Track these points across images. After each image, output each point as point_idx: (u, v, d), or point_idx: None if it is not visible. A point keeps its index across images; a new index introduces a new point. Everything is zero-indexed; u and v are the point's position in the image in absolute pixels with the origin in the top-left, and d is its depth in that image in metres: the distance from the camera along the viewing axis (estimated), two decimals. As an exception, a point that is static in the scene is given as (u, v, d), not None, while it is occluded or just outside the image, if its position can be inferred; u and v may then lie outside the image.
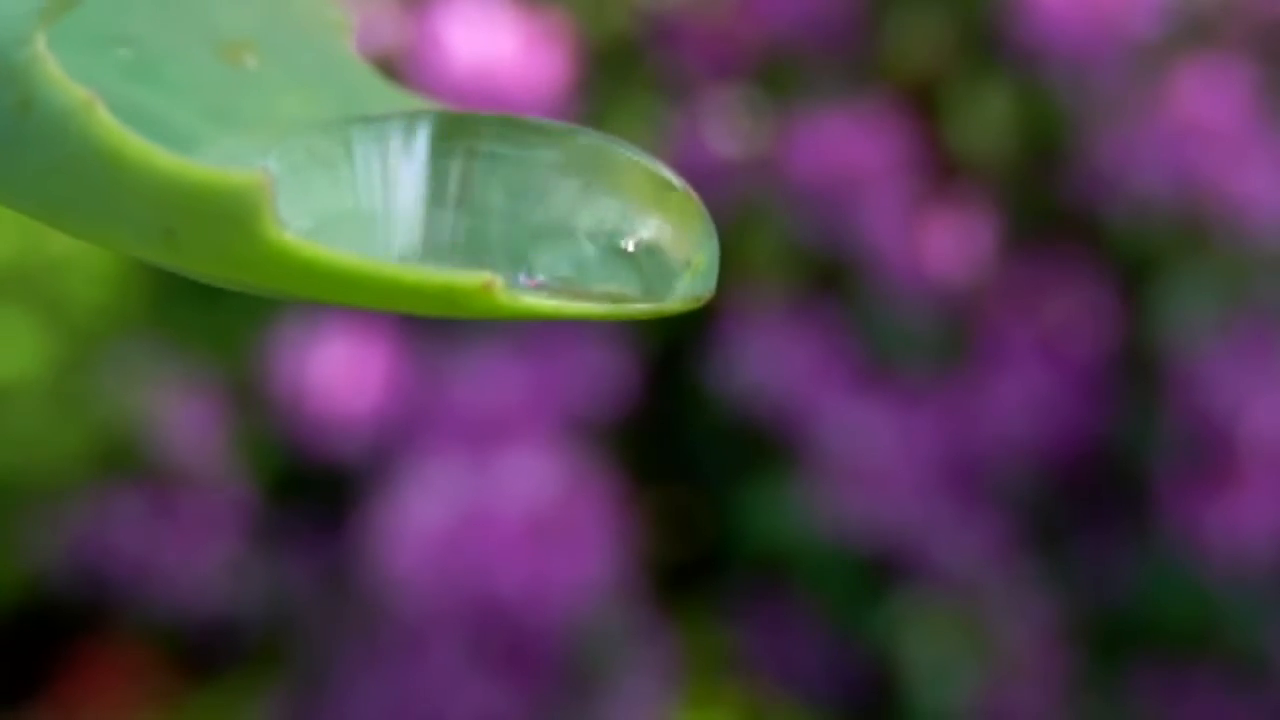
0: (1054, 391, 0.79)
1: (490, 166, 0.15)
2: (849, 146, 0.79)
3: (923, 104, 0.81)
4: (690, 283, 0.15)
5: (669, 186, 0.15)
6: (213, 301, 0.81)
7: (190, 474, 0.78)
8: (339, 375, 0.77)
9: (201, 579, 0.78)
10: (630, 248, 0.15)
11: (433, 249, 0.14)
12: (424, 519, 0.73)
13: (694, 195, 0.16)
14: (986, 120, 0.80)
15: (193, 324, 0.81)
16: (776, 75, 0.81)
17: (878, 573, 0.78)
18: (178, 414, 0.78)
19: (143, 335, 0.80)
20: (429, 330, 0.78)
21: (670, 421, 0.81)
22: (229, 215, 0.12)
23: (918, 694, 0.77)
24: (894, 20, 0.82)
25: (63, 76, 0.12)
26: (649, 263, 0.15)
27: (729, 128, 0.80)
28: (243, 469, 0.79)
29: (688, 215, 0.15)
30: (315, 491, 0.80)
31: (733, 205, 0.78)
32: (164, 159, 0.11)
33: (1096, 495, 0.81)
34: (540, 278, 0.15)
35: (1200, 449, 0.77)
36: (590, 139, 0.15)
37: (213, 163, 0.12)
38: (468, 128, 0.15)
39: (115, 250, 0.13)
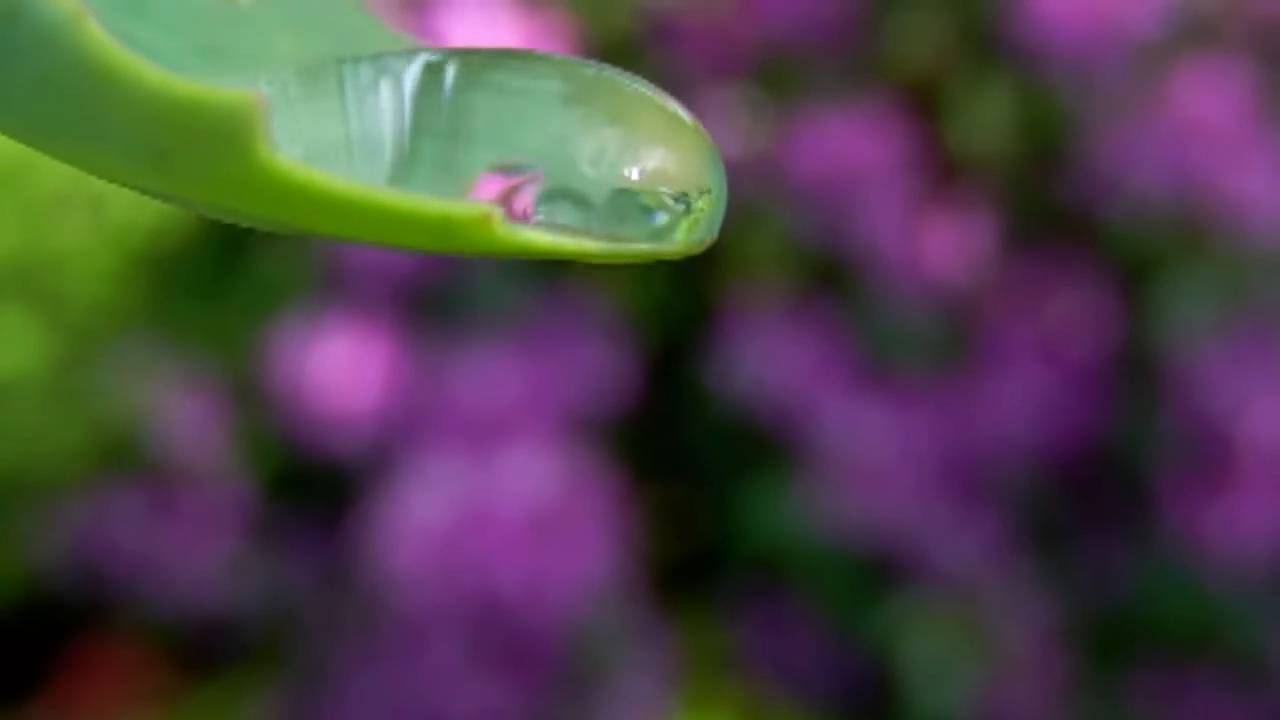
0: (1053, 392, 0.79)
1: (490, 98, 0.14)
2: (849, 146, 0.79)
3: (923, 104, 0.81)
4: (694, 225, 0.15)
5: (678, 121, 0.15)
6: (214, 298, 0.81)
7: (190, 471, 0.78)
8: (339, 373, 0.77)
9: (201, 576, 0.78)
10: (633, 184, 0.14)
11: (427, 181, 0.14)
12: (423, 517, 0.73)
13: (704, 131, 0.15)
14: (986, 120, 0.80)
15: (193, 321, 0.81)
16: (777, 74, 0.81)
17: (877, 572, 0.78)
18: (177, 411, 0.78)
19: (142, 332, 0.80)
20: (429, 328, 0.78)
21: (670, 420, 0.81)
22: (221, 134, 0.11)
23: (916, 694, 0.77)
24: (894, 20, 0.82)
25: None
26: (652, 201, 0.14)
27: (729, 127, 0.80)
28: (242, 466, 0.79)
29: (695, 152, 0.15)
30: (315, 489, 0.80)
31: (733, 204, 0.78)
32: (154, 74, 0.11)
33: (1095, 496, 0.81)
34: (539, 213, 0.14)
35: (1199, 450, 0.77)
36: (596, 70, 0.15)
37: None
38: (467, 60, 0.15)
39: (105, 176, 0.13)
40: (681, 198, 0.15)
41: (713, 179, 0.15)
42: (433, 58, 0.14)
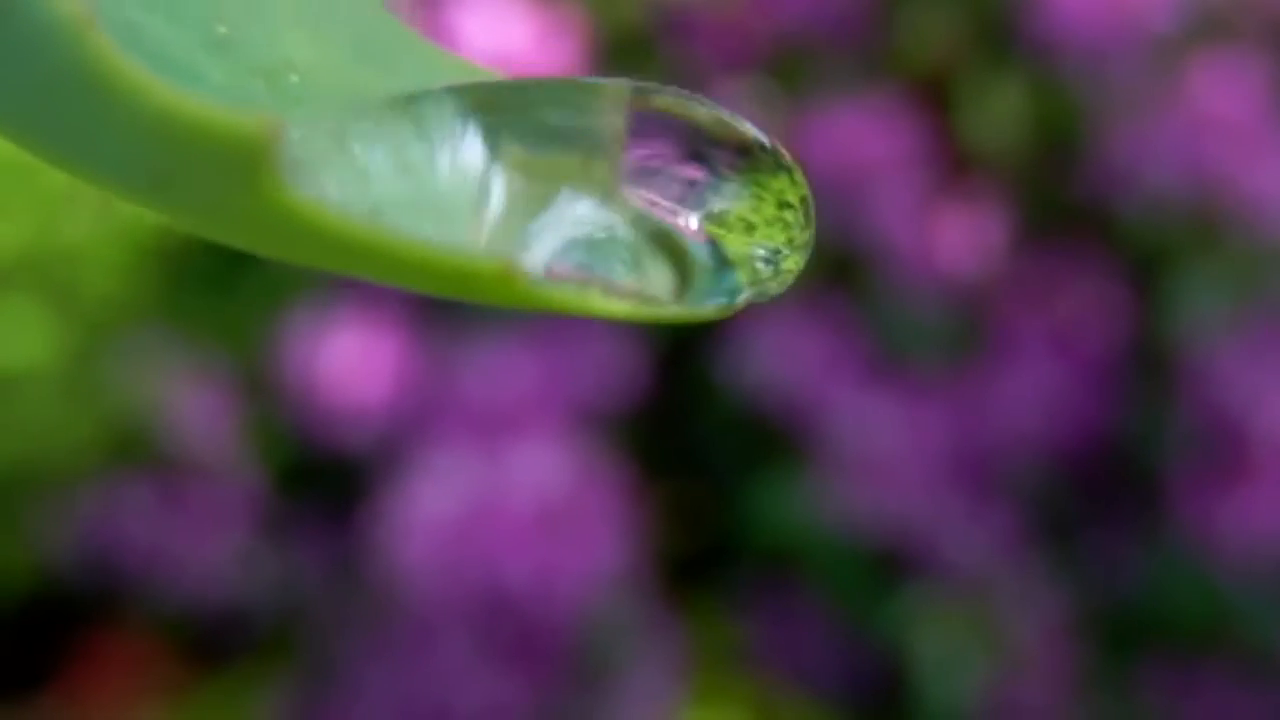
0: (1065, 386, 0.79)
1: (532, 139, 0.13)
2: (861, 140, 0.78)
3: (936, 97, 0.80)
4: (771, 282, 0.13)
5: (769, 163, 0.13)
6: (225, 292, 0.81)
7: (200, 464, 0.78)
8: (350, 366, 0.77)
9: (211, 569, 0.78)
10: (687, 235, 0.13)
11: (450, 224, 0.13)
12: (433, 510, 0.73)
13: (794, 172, 0.13)
14: (1000, 114, 0.80)
15: (204, 314, 0.81)
16: (789, 68, 0.81)
17: (887, 566, 0.78)
18: (188, 404, 0.78)
19: (154, 325, 0.80)
20: (440, 321, 0.78)
21: (680, 414, 0.81)
22: (229, 163, 0.10)
23: (927, 688, 0.77)
24: (907, 13, 0.81)
25: None
26: (737, 257, 0.13)
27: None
28: (253, 459, 0.79)
29: (779, 196, 0.13)
30: (325, 482, 0.80)
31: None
32: (162, 91, 0.10)
33: (1107, 490, 0.80)
34: (568, 262, 0.13)
35: (1212, 444, 0.77)
36: (662, 98, 0.13)
37: (218, 100, 0.11)
38: (511, 98, 0.14)
39: (101, 188, 0.12)
40: (773, 256, 0.13)
41: (795, 226, 0.14)
42: (470, 98, 0.13)
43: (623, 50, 0.80)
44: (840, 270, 0.80)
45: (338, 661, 0.77)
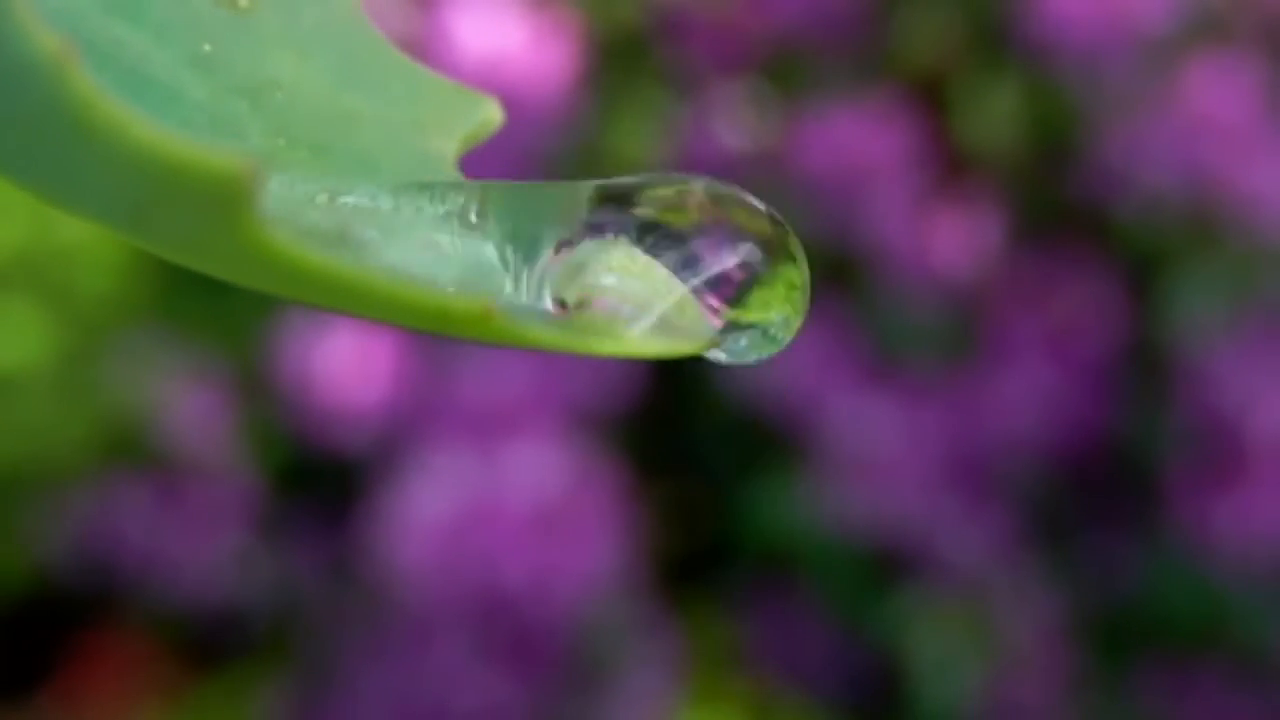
0: (1062, 387, 0.79)
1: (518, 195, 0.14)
2: (857, 141, 0.78)
3: (931, 98, 0.80)
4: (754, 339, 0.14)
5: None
6: (220, 292, 0.81)
7: (197, 464, 0.78)
8: (346, 366, 0.77)
9: (208, 569, 0.78)
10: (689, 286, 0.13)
11: (436, 256, 0.13)
12: (430, 511, 0.73)
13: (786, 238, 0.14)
14: (995, 115, 0.80)
15: (200, 314, 0.81)
16: (785, 69, 0.81)
17: (884, 567, 0.78)
18: (184, 404, 0.78)
19: (150, 325, 0.80)
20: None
21: (676, 415, 0.81)
22: (207, 201, 0.10)
23: (923, 689, 0.77)
24: (903, 14, 0.81)
25: (35, 18, 0.10)
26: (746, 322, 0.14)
27: (737, 121, 0.80)
28: (249, 459, 0.79)
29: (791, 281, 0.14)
30: (322, 482, 0.80)
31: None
32: (141, 129, 0.10)
33: (1104, 491, 0.80)
34: (552, 302, 0.13)
35: (1208, 445, 0.77)
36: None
37: (200, 132, 0.11)
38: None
39: (82, 219, 0.12)
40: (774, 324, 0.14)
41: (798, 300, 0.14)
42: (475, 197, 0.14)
43: (619, 52, 0.80)
44: (836, 272, 0.80)
45: (334, 662, 0.77)
